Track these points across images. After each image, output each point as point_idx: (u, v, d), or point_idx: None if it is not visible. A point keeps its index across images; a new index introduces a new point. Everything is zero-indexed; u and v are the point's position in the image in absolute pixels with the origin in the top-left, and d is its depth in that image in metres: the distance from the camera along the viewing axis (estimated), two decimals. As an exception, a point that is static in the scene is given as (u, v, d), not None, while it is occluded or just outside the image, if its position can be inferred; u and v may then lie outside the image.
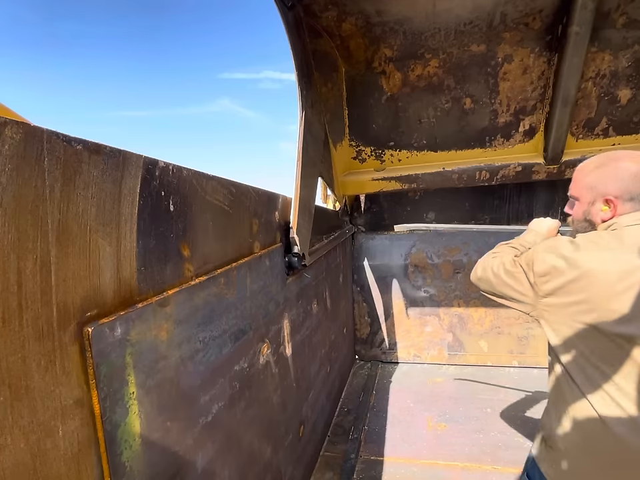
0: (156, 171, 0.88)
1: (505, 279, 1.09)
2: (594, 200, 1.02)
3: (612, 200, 0.98)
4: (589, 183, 1.03)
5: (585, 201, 1.05)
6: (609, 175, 0.98)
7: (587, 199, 1.04)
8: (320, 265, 2.34)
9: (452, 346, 3.43)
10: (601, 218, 1.02)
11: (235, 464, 1.23)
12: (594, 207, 1.03)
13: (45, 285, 0.63)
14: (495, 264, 1.15)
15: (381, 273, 3.50)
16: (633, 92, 2.32)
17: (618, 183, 0.96)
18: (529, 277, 1.02)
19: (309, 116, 2.02)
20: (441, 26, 2.18)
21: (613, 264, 0.89)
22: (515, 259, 1.10)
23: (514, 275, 1.07)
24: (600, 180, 1.00)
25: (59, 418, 0.65)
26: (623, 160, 0.98)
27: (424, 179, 2.82)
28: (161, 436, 0.88)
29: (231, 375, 1.21)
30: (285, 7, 1.87)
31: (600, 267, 0.90)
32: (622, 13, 2.05)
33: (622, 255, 0.90)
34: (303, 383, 1.96)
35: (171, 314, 0.92)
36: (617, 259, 0.89)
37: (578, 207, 1.08)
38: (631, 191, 0.95)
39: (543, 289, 0.98)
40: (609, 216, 1.00)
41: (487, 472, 2.10)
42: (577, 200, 1.08)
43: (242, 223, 1.35)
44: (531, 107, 2.49)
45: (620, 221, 0.97)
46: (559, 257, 0.95)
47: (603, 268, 0.89)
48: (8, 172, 0.56)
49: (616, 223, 0.97)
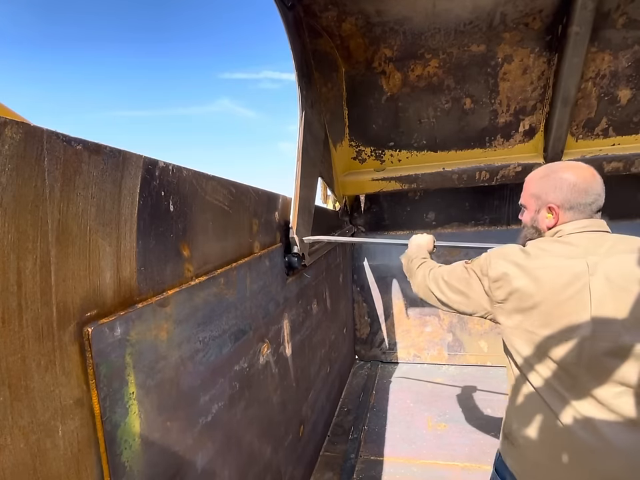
0: (156, 171, 0.88)
1: (460, 288, 1.14)
2: (539, 208, 1.10)
3: (554, 208, 1.05)
4: (535, 193, 1.10)
5: (532, 209, 1.12)
6: (551, 185, 1.06)
7: (533, 207, 1.12)
8: (320, 265, 2.34)
9: (452, 346, 3.43)
10: (546, 225, 1.08)
11: (235, 464, 1.23)
12: (539, 214, 1.10)
13: (45, 285, 0.63)
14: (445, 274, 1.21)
15: (381, 273, 3.50)
16: (632, 92, 2.32)
17: (558, 192, 1.04)
18: (483, 283, 1.07)
19: (308, 116, 2.02)
20: (440, 26, 2.18)
21: (560, 270, 0.94)
22: (466, 266, 1.15)
23: (468, 282, 1.12)
24: (543, 190, 1.08)
25: (58, 418, 0.65)
26: (563, 171, 1.05)
27: (424, 179, 2.81)
28: (161, 436, 0.88)
29: (231, 375, 1.21)
30: (284, 6, 1.87)
31: (549, 273, 0.95)
32: (622, 13, 2.05)
33: (568, 261, 0.95)
34: (302, 383, 1.96)
35: (171, 314, 0.92)
36: (564, 265, 0.95)
37: (526, 214, 1.16)
38: (569, 200, 1.02)
39: (496, 294, 1.03)
40: (552, 223, 1.06)
41: (487, 472, 2.08)
42: (526, 208, 1.16)
43: (242, 223, 1.35)
44: (530, 107, 2.49)
45: (564, 229, 1.03)
46: (511, 264, 1.01)
47: (552, 274, 0.95)
48: (8, 172, 0.56)
49: (561, 230, 1.04)
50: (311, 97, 2.11)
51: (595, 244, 0.97)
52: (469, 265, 1.15)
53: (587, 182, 1.01)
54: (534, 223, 1.12)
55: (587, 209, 1.02)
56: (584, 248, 0.97)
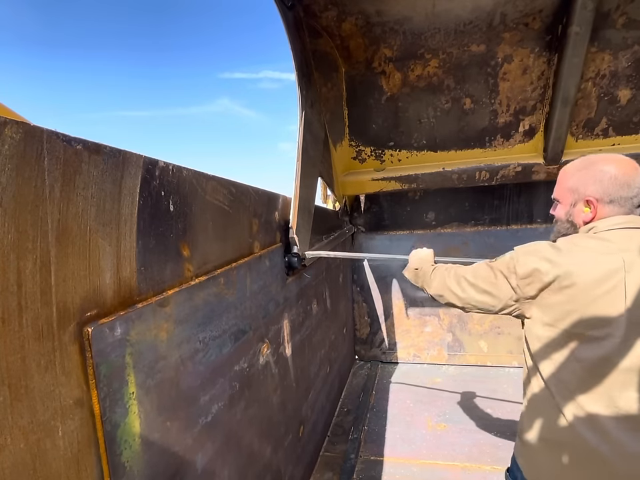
0: (156, 171, 0.88)
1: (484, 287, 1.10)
2: (575, 202, 1.05)
3: (592, 201, 1.00)
4: (571, 186, 1.06)
5: (567, 203, 1.08)
6: (590, 177, 1.01)
7: (569, 200, 1.07)
8: (320, 264, 2.34)
9: (452, 346, 3.43)
10: (582, 219, 1.04)
11: (235, 464, 1.23)
12: (575, 208, 1.06)
13: (45, 285, 0.63)
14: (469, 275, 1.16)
15: (381, 273, 3.50)
16: (632, 92, 2.32)
17: (598, 185, 0.99)
18: (511, 281, 1.03)
19: (308, 116, 2.02)
20: (440, 26, 2.18)
21: (594, 266, 0.91)
22: (490, 265, 1.12)
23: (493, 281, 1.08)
24: (581, 182, 1.03)
25: (58, 418, 0.65)
26: (603, 163, 1.01)
27: (424, 179, 2.81)
28: (161, 436, 0.87)
29: (231, 375, 1.21)
30: (284, 6, 1.87)
31: (582, 268, 0.92)
32: (622, 13, 2.05)
33: (602, 257, 0.92)
34: (302, 383, 1.96)
35: (171, 314, 0.92)
36: (598, 261, 0.92)
37: (560, 208, 1.11)
38: (610, 193, 0.98)
39: (525, 291, 1.00)
40: (590, 217, 1.02)
41: (487, 472, 2.10)
42: (560, 202, 1.11)
43: (242, 222, 1.35)
44: (530, 107, 2.49)
45: (599, 225, 0.99)
46: (541, 259, 0.98)
47: (585, 270, 0.91)
48: (8, 172, 0.56)
49: (595, 227, 1.00)
50: (311, 97, 2.11)
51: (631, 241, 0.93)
52: (493, 264, 1.11)
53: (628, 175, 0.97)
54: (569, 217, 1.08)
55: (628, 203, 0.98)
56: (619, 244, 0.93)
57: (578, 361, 0.93)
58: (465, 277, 1.17)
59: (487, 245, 3.20)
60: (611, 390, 0.90)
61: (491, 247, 3.16)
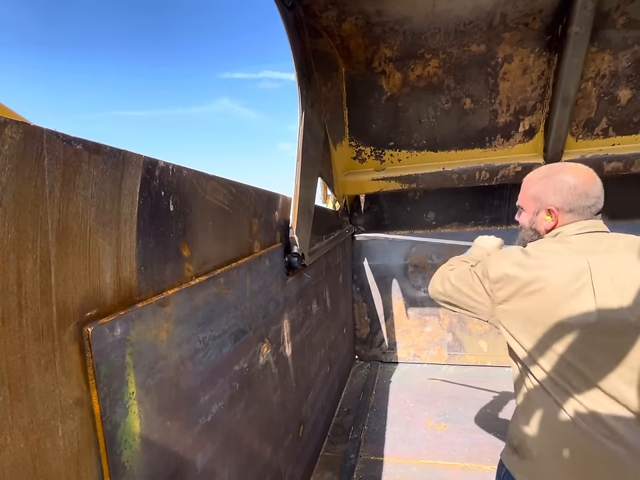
0: (156, 171, 0.88)
1: (463, 289, 1.14)
2: (538, 210, 1.09)
3: (553, 210, 1.04)
4: (534, 194, 1.10)
5: (530, 211, 1.12)
6: (550, 187, 1.05)
7: (532, 208, 1.11)
8: (320, 264, 2.34)
9: (452, 346, 3.43)
10: (544, 227, 1.08)
11: (235, 464, 1.23)
12: (538, 216, 1.10)
13: (45, 285, 0.63)
14: (452, 276, 1.20)
15: (381, 273, 3.50)
16: (632, 92, 2.32)
17: (558, 195, 1.03)
18: (485, 285, 1.06)
19: (308, 116, 2.02)
20: (440, 26, 2.18)
21: (562, 269, 0.94)
22: (470, 269, 1.15)
23: (471, 284, 1.11)
24: (542, 191, 1.07)
25: (58, 418, 0.65)
26: (563, 173, 1.04)
27: (424, 179, 2.81)
28: (161, 436, 0.87)
29: (231, 375, 1.21)
30: (284, 6, 1.87)
31: (552, 271, 0.95)
32: (622, 13, 2.05)
33: (570, 260, 0.95)
34: (302, 383, 1.96)
35: (171, 314, 0.92)
36: (567, 262, 0.95)
37: (524, 216, 1.15)
38: (570, 202, 1.02)
39: (498, 295, 1.03)
40: (551, 225, 1.06)
41: (487, 472, 2.10)
42: (524, 210, 1.15)
43: (242, 222, 1.35)
44: (530, 107, 2.49)
45: (564, 231, 1.03)
46: (512, 264, 1.00)
47: (553, 273, 0.94)
48: (8, 171, 0.56)
49: (561, 232, 1.04)
50: (311, 97, 2.11)
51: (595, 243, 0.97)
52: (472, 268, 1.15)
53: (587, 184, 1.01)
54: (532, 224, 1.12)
55: (587, 212, 1.02)
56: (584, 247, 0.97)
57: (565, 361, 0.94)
58: (449, 278, 1.21)
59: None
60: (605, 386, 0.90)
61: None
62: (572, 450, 0.95)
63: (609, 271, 0.91)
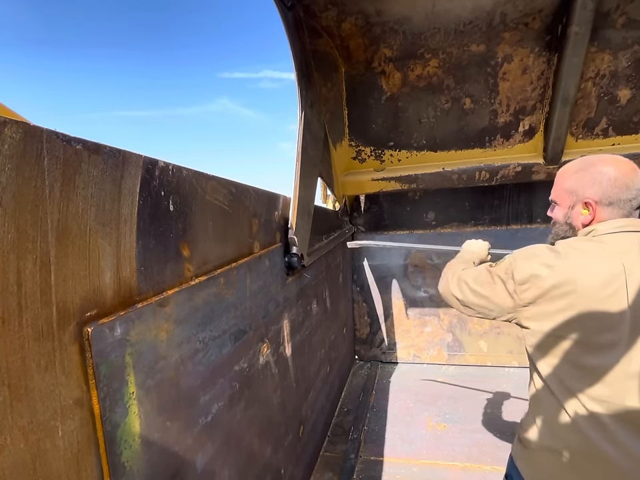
0: (156, 171, 0.88)
1: (482, 292, 1.08)
2: (574, 204, 1.03)
3: (591, 204, 0.98)
4: (569, 187, 1.03)
5: (566, 205, 1.06)
6: (589, 179, 0.99)
7: (567, 202, 1.05)
8: (320, 264, 2.34)
9: (451, 346, 3.43)
10: (581, 221, 1.02)
11: (235, 464, 1.23)
12: (574, 210, 1.03)
13: (45, 285, 0.62)
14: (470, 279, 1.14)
15: (381, 273, 3.50)
16: (632, 92, 2.32)
17: (597, 187, 0.97)
18: (508, 286, 1.01)
19: (308, 116, 2.02)
20: (440, 26, 2.18)
21: (595, 270, 0.89)
22: (490, 270, 1.09)
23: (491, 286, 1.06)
24: (580, 184, 1.01)
25: (58, 418, 0.65)
26: (602, 164, 0.98)
27: (423, 179, 2.81)
28: (161, 436, 0.87)
29: (231, 375, 1.21)
30: (284, 7, 1.87)
31: (583, 273, 0.90)
32: (622, 12, 2.05)
33: (604, 261, 0.90)
34: (302, 383, 1.96)
35: (171, 314, 0.92)
36: (600, 265, 0.89)
37: (559, 210, 1.09)
38: (609, 195, 0.96)
39: (523, 297, 0.98)
40: (588, 219, 1.00)
41: (487, 472, 2.10)
42: (558, 204, 1.09)
43: (242, 222, 1.35)
44: (530, 107, 2.49)
45: (599, 228, 0.97)
46: (540, 264, 0.95)
47: (585, 274, 0.89)
48: (8, 171, 0.56)
49: (595, 230, 0.98)
50: (311, 97, 2.11)
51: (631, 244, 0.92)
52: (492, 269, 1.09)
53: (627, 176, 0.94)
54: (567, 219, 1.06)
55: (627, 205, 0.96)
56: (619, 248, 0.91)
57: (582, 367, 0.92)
58: (466, 281, 1.15)
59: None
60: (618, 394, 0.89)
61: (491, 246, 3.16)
62: (570, 450, 0.95)
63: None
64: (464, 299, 1.15)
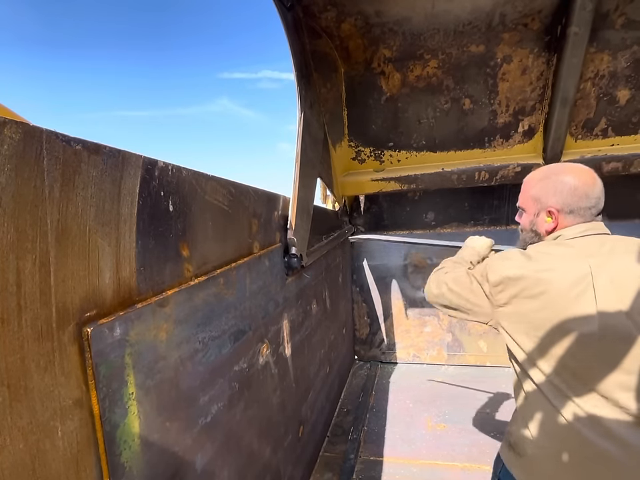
0: (155, 171, 0.88)
1: (461, 293, 1.12)
2: (538, 211, 1.08)
3: (554, 212, 1.03)
4: (534, 195, 1.08)
5: (531, 212, 1.10)
6: (551, 188, 1.03)
7: (532, 210, 1.09)
8: (319, 265, 2.34)
9: (451, 346, 3.43)
10: (545, 229, 1.06)
11: (234, 464, 1.23)
12: (538, 217, 1.08)
13: (44, 285, 0.62)
14: (449, 279, 1.19)
15: (381, 273, 3.50)
16: (631, 92, 2.33)
17: (558, 196, 1.02)
18: (484, 288, 1.05)
19: (307, 116, 2.02)
20: (439, 27, 2.18)
21: (564, 272, 0.93)
22: (468, 272, 1.14)
23: (469, 287, 1.10)
24: (543, 193, 1.05)
25: (58, 418, 0.65)
26: (564, 174, 1.02)
27: (423, 179, 2.82)
28: (160, 436, 0.87)
29: (230, 376, 1.21)
30: (284, 7, 1.87)
31: (554, 274, 0.94)
32: (621, 13, 2.05)
33: (572, 263, 0.94)
34: (302, 383, 1.96)
35: (170, 314, 0.92)
36: (569, 266, 0.94)
37: (525, 217, 1.14)
38: (570, 204, 1.00)
39: (498, 298, 1.01)
40: (552, 227, 1.05)
41: (487, 472, 2.09)
42: (524, 211, 1.14)
43: (241, 223, 1.35)
44: (530, 108, 2.49)
45: (565, 233, 1.02)
46: (512, 267, 0.99)
47: (555, 276, 0.93)
48: (7, 172, 0.56)
49: (561, 235, 1.03)
50: (310, 98, 2.11)
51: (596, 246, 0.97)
52: (470, 271, 1.14)
53: (587, 185, 1.00)
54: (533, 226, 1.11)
55: (587, 213, 1.01)
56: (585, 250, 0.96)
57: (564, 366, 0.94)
58: (446, 282, 1.19)
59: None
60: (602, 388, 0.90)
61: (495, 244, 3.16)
62: (567, 451, 0.95)
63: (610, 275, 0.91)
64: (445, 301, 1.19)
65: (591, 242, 0.98)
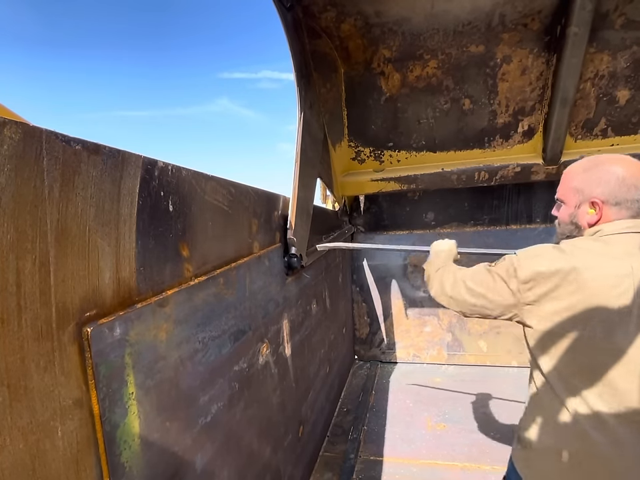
0: (155, 171, 0.88)
1: (480, 291, 1.07)
2: (580, 203, 1.01)
3: (598, 203, 0.97)
4: (576, 186, 1.02)
5: (572, 204, 1.04)
6: (596, 178, 0.97)
7: (573, 202, 1.03)
8: (319, 264, 2.35)
9: (451, 346, 3.43)
10: (587, 221, 1.00)
11: (234, 464, 1.23)
12: (580, 209, 1.02)
13: (44, 285, 0.63)
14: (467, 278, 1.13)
15: (380, 273, 3.50)
16: (631, 92, 2.33)
17: (604, 186, 0.96)
18: (510, 285, 1.00)
19: (307, 117, 2.02)
20: (439, 27, 2.18)
21: (601, 270, 0.88)
22: (489, 269, 1.08)
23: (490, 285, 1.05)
24: (587, 183, 0.99)
25: (58, 418, 0.65)
26: (610, 164, 0.97)
27: (423, 179, 2.82)
28: (160, 436, 0.87)
29: (230, 375, 1.21)
30: (283, 7, 1.87)
31: (588, 273, 0.88)
32: (620, 13, 2.05)
33: (611, 262, 0.88)
34: (302, 383, 1.96)
35: (170, 314, 0.92)
36: (606, 266, 0.88)
37: (564, 209, 1.07)
38: (616, 195, 0.94)
39: (526, 295, 0.97)
40: (595, 219, 0.98)
41: (487, 472, 2.10)
42: (564, 203, 1.07)
43: (241, 223, 1.35)
44: (529, 108, 2.49)
45: (605, 229, 0.96)
46: (545, 263, 0.94)
47: (592, 274, 0.88)
48: (7, 172, 0.56)
49: (600, 230, 0.96)
50: (310, 98, 2.11)
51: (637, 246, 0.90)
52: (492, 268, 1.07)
53: (636, 177, 0.93)
54: (573, 218, 1.04)
55: (634, 206, 0.94)
56: (625, 249, 0.90)
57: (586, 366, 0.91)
58: (464, 281, 1.14)
59: (486, 245, 3.20)
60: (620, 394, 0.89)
61: (490, 247, 3.15)
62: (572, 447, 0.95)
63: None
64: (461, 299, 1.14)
65: (632, 241, 0.91)
